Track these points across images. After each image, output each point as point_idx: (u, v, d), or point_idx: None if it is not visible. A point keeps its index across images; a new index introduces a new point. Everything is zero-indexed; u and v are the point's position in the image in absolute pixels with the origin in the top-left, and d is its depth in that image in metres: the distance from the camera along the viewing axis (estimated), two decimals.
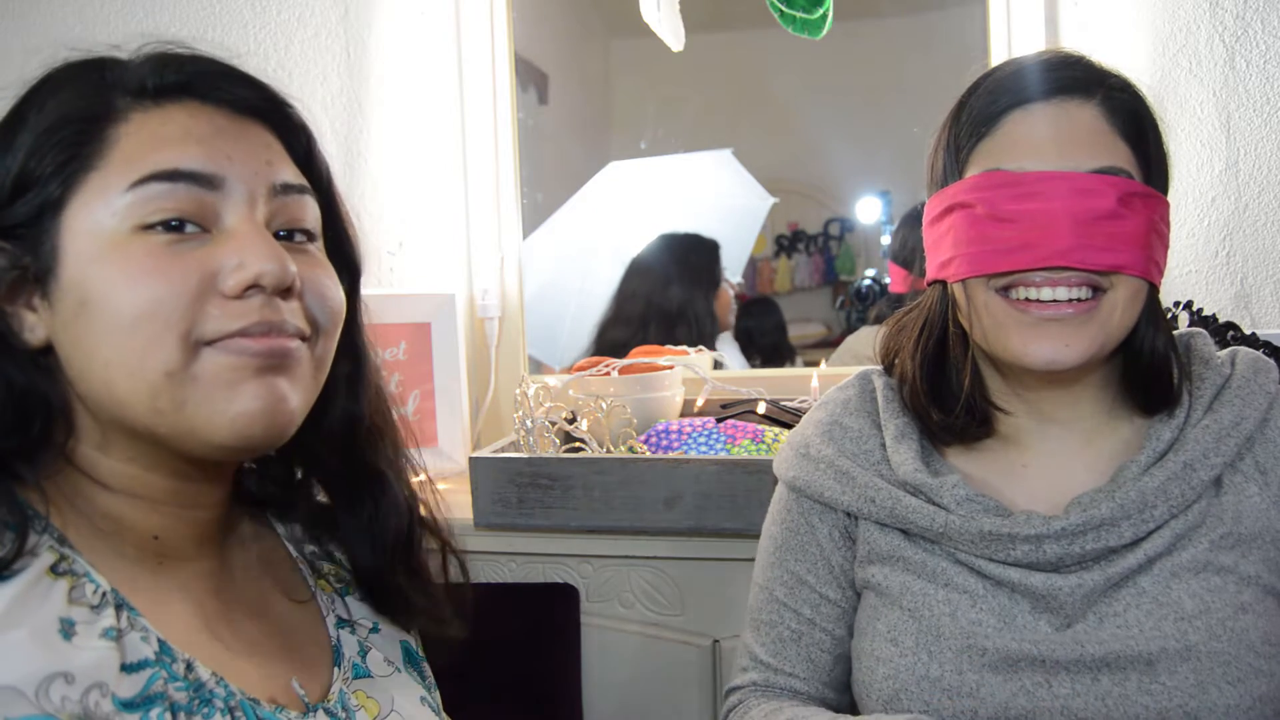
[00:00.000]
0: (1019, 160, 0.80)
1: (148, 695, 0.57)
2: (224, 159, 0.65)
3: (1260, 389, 0.84)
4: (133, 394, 0.61)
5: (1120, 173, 0.79)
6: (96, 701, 0.55)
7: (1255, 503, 0.81)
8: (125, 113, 0.64)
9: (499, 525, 1.31)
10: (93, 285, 0.60)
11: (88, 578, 0.59)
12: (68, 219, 0.62)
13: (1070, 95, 0.81)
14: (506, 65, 1.76)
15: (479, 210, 1.78)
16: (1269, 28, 1.47)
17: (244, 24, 1.78)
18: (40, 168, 0.62)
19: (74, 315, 0.61)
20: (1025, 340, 0.80)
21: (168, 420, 0.62)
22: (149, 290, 0.60)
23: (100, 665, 0.56)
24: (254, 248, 0.63)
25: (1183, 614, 0.77)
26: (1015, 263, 0.79)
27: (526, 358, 1.81)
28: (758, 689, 0.93)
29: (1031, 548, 0.80)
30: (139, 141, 0.63)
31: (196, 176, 0.63)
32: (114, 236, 0.61)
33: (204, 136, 0.65)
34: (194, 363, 0.62)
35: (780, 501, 0.96)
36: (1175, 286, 1.52)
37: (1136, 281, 0.80)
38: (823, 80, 1.77)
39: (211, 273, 0.62)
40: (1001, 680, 0.79)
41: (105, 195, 0.62)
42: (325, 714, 0.69)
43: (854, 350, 1.76)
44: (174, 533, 0.67)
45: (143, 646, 0.59)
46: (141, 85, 0.65)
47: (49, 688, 0.53)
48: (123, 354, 0.60)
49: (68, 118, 0.63)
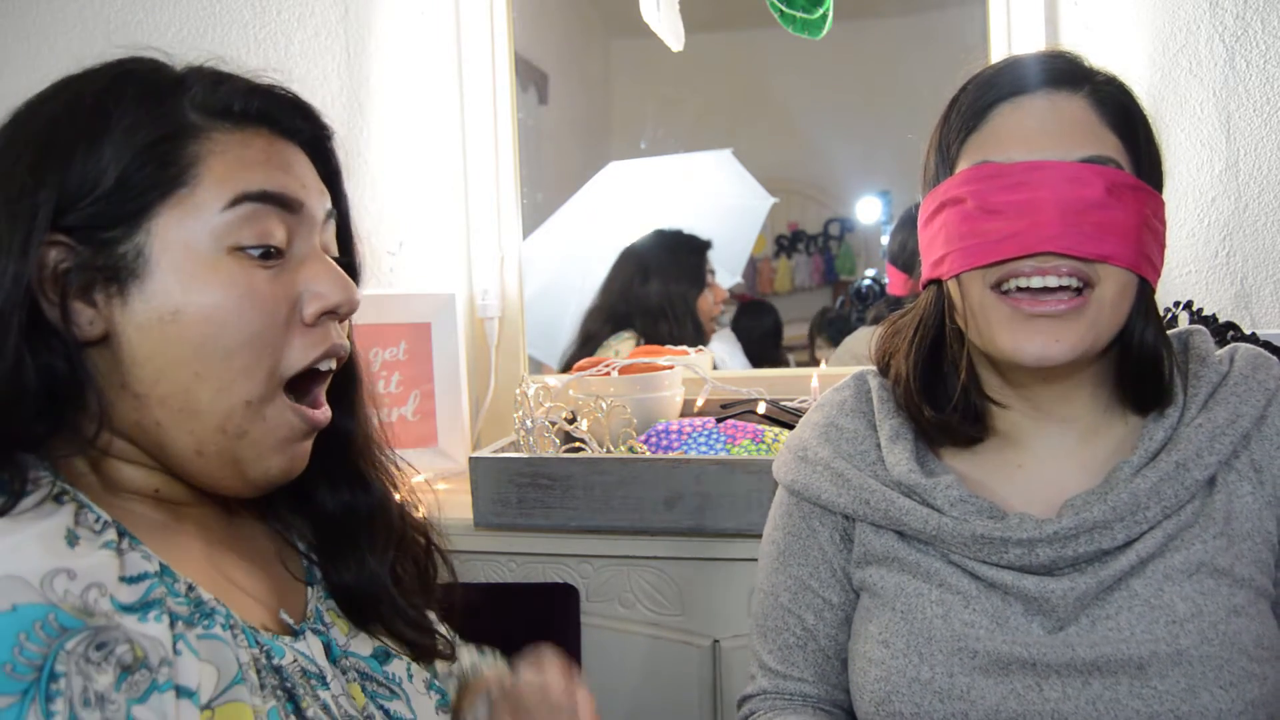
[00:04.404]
0: (1007, 151, 0.80)
1: (146, 601, 0.60)
2: (300, 186, 0.70)
3: (1259, 385, 0.83)
4: (212, 409, 0.66)
5: (1109, 162, 0.79)
6: (96, 599, 0.57)
7: (1247, 503, 0.81)
8: (206, 131, 0.67)
9: (499, 525, 1.31)
10: (191, 300, 0.65)
11: (89, 509, 0.62)
12: (159, 228, 0.65)
13: (1058, 87, 0.81)
14: (506, 65, 1.76)
15: (479, 210, 1.78)
16: (1269, 28, 1.47)
17: (244, 24, 1.78)
18: (139, 177, 0.64)
19: (161, 322, 0.64)
20: (1016, 337, 0.80)
21: (222, 443, 0.67)
22: (252, 321, 0.66)
23: (101, 569, 0.59)
24: (329, 276, 0.70)
25: (1174, 617, 0.77)
26: (1004, 251, 0.78)
27: (526, 358, 1.81)
28: (769, 697, 0.93)
29: (1024, 551, 0.80)
30: (227, 161, 0.67)
31: (284, 200, 0.68)
32: (211, 254, 0.65)
33: (285, 163, 0.70)
34: (269, 403, 0.68)
35: (781, 506, 0.96)
36: (1175, 286, 1.52)
37: (1125, 275, 0.79)
38: (823, 80, 1.77)
39: (294, 299, 0.68)
40: (992, 683, 0.79)
41: (199, 212, 0.65)
42: (312, 633, 0.73)
43: (853, 350, 1.76)
44: (173, 488, 0.70)
45: (144, 564, 0.62)
46: (225, 108, 0.68)
47: (53, 580, 0.55)
48: (217, 372, 0.65)
49: (157, 129, 0.66)
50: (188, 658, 0.60)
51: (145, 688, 0.56)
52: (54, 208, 0.63)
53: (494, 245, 1.78)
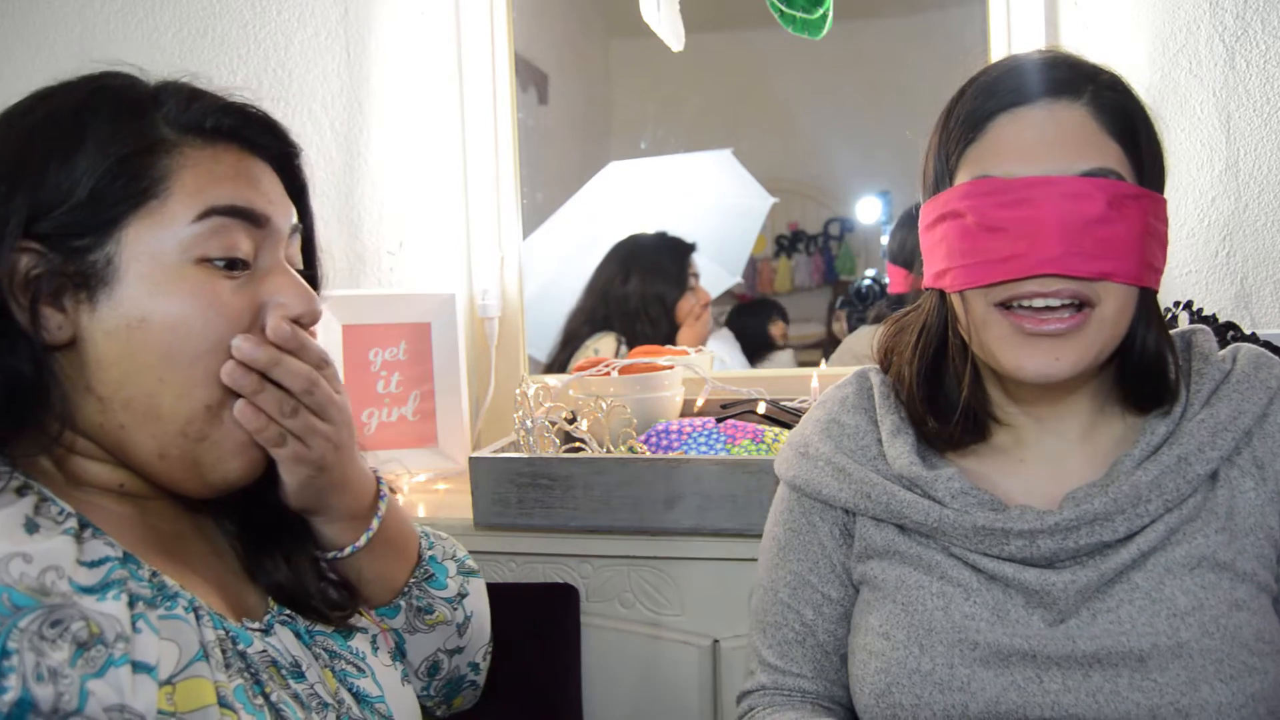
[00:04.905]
0: (1006, 165, 0.80)
1: (106, 582, 0.61)
2: (267, 201, 0.73)
3: (1261, 384, 0.83)
4: (173, 414, 0.68)
5: (1110, 174, 0.79)
6: (54, 580, 0.58)
7: (1250, 498, 0.81)
8: (178, 146, 0.70)
9: (499, 525, 1.31)
10: (157, 307, 0.67)
11: (52, 502, 0.64)
12: (129, 238, 0.67)
13: (1057, 96, 0.80)
14: (506, 65, 1.76)
15: (479, 210, 1.78)
16: (1269, 28, 1.47)
17: (244, 24, 1.78)
18: (112, 189, 0.66)
19: (128, 328, 0.67)
20: (1018, 354, 0.80)
21: (184, 446, 0.69)
22: (215, 329, 0.68)
23: (58, 553, 0.60)
24: (292, 288, 0.73)
25: (1176, 610, 0.77)
26: (1006, 273, 0.79)
27: (526, 358, 1.81)
28: (768, 693, 0.93)
29: (1025, 543, 0.80)
30: (198, 176, 0.69)
31: (252, 215, 0.71)
32: (178, 265, 0.68)
33: (253, 179, 0.72)
34: (225, 408, 0.70)
35: (782, 502, 0.96)
36: (1175, 286, 1.52)
37: (1126, 289, 0.79)
38: (823, 80, 1.77)
39: (257, 309, 0.71)
40: (993, 675, 0.79)
41: (169, 224, 0.68)
42: (280, 624, 0.74)
43: (853, 350, 1.76)
44: (137, 483, 0.72)
45: (106, 549, 0.64)
46: (198, 124, 0.71)
47: (8, 564, 0.57)
48: (180, 378, 0.68)
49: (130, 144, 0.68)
50: (147, 635, 0.61)
51: (102, 663, 0.57)
52: (26, 216, 0.65)
53: (494, 245, 1.78)
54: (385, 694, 0.78)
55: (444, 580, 0.88)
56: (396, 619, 0.85)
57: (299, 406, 0.72)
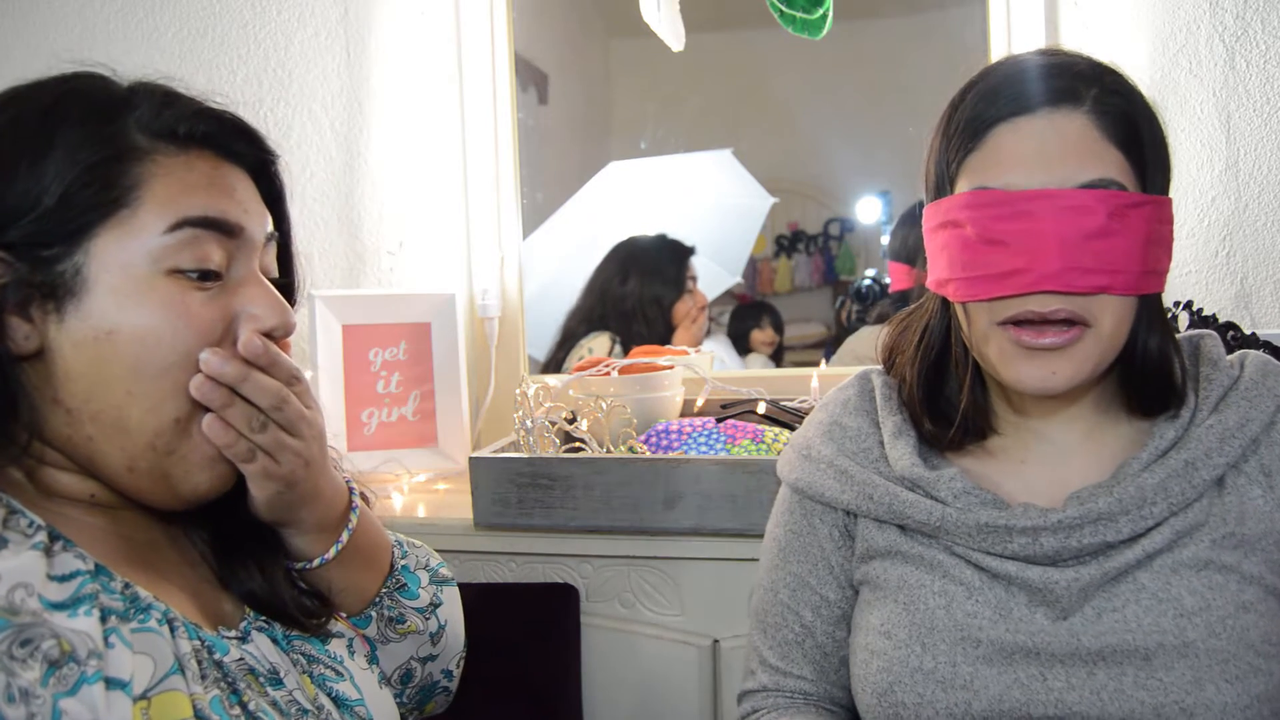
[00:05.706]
0: (1006, 176, 0.79)
1: (77, 597, 0.60)
2: (242, 210, 0.71)
3: (1269, 392, 0.83)
4: (142, 427, 0.66)
5: (1111, 184, 0.78)
6: (23, 599, 0.57)
7: (1259, 505, 0.81)
8: (150, 154, 0.68)
9: (499, 525, 1.31)
10: (126, 319, 0.65)
11: (21, 514, 0.63)
12: (99, 249, 0.65)
13: (1058, 105, 0.79)
14: (506, 65, 1.76)
15: (479, 210, 1.79)
16: (1269, 28, 1.47)
17: (244, 24, 1.78)
18: (81, 197, 0.65)
19: (96, 340, 0.65)
20: (1018, 368, 0.80)
21: (153, 459, 0.67)
22: (185, 341, 0.67)
23: (26, 570, 0.59)
24: (265, 299, 0.71)
25: (1182, 610, 0.77)
26: (1006, 288, 0.79)
27: (526, 358, 1.82)
28: (769, 694, 0.94)
29: (1028, 540, 0.80)
30: (170, 185, 0.67)
31: (225, 225, 0.69)
32: (148, 276, 0.66)
33: (228, 187, 0.71)
34: (195, 422, 0.69)
35: (783, 503, 0.97)
36: (1175, 286, 1.52)
37: (1124, 300, 0.79)
38: (823, 80, 1.77)
39: (229, 321, 0.69)
40: (996, 673, 0.79)
41: (140, 234, 0.66)
42: (257, 631, 0.73)
43: (854, 351, 1.76)
44: (108, 494, 0.71)
45: (76, 563, 0.62)
46: (170, 130, 0.69)
47: None
48: (148, 390, 0.66)
49: (101, 150, 0.66)
50: (120, 650, 0.60)
51: (74, 681, 0.56)
52: None
53: (494, 245, 1.78)
54: (364, 697, 0.77)
55: (416, 590, 0.87)
56: (368, 628, 0.84)
57: (268, 422, 0.71)
